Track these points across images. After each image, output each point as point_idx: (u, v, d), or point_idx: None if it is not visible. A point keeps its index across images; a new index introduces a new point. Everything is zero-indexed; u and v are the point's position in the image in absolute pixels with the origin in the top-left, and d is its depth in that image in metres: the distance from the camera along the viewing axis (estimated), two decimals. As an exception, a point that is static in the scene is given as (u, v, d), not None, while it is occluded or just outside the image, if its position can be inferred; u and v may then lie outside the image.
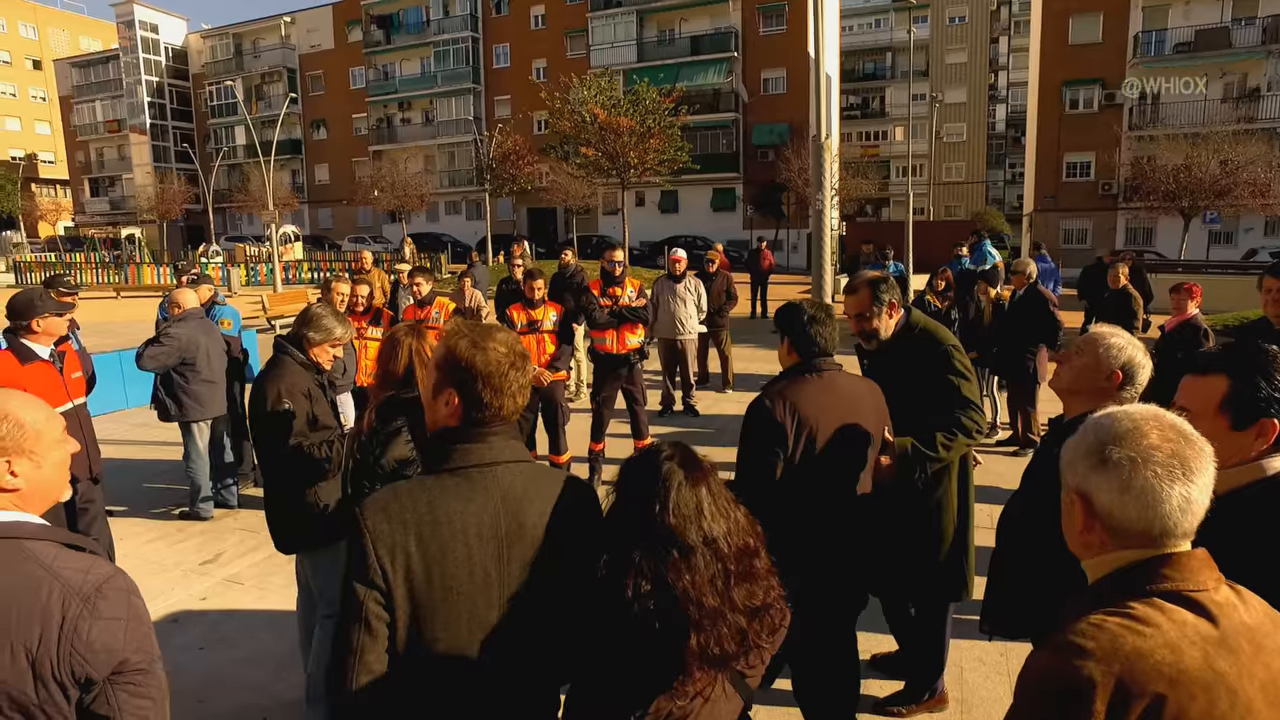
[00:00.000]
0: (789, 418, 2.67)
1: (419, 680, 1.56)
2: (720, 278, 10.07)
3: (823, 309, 2.87)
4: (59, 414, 1.61)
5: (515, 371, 1.64)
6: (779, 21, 40.30)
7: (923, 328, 3.23)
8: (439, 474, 1.60)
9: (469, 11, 47.42)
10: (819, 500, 2.74)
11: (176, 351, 5.83)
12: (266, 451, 3.33)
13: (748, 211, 40.46)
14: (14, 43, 70.75)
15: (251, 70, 55.95)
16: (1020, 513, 2.35)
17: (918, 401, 3.09)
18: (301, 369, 3.35)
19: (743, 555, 1.57)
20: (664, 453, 1.62)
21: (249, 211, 47.21)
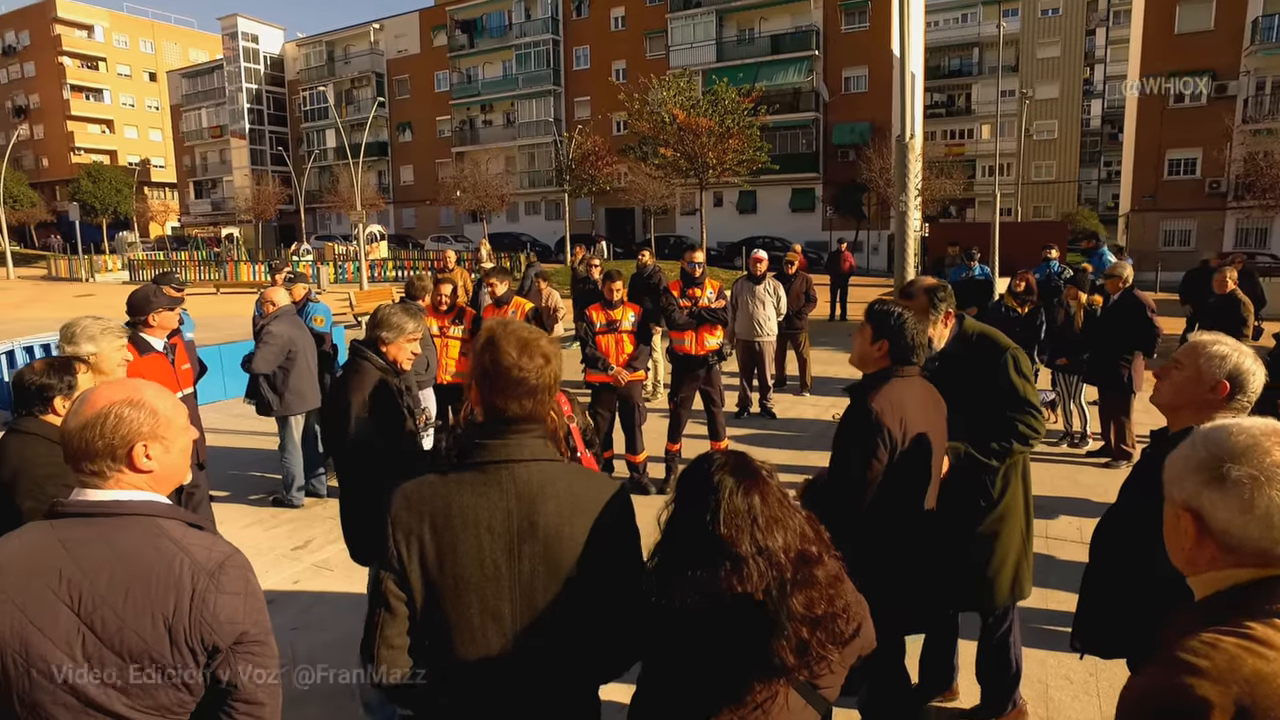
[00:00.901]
0: (896, 420, 2.64)
1: (436, 661, 1.66)
2: (799, 279, 9.97)
3: (904, 313, 2.84)
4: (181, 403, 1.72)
5: (532, 374, 1.68)
6: (861, 19, 39.55)
7: (979, 334, 3.19)
8: (461, 468, 1.69)
9: (550, 14, 48.12)
10: (904, 506, 2.71)
11: (281, 348, 6.09)
12: (346, 459, 3.22)
13: (827, 212, 39.86)
14: (134, 57, 75.76)
15: (342, 76, 58.05)
16: (1117, 527, 2.26)
17: (980, 409, 3.05)
18: (380, 373, 3.24)
19: (801, 564, 1.56)
20: (716, 461, 1.62)
21: (338, 211, 49.05)
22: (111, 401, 1.53)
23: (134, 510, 1.51)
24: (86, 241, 51.75)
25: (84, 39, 73.24)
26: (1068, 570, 4.71)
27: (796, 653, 1.52)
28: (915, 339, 2.73)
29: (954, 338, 3.20)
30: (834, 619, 1.56)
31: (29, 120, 74.44)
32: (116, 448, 1.51)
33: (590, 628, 1.66)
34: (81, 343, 3.27)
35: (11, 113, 75.72)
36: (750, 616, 1.52)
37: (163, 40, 78.57)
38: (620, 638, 1.70)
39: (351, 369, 3.25)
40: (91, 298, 27.32)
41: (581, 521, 1.64)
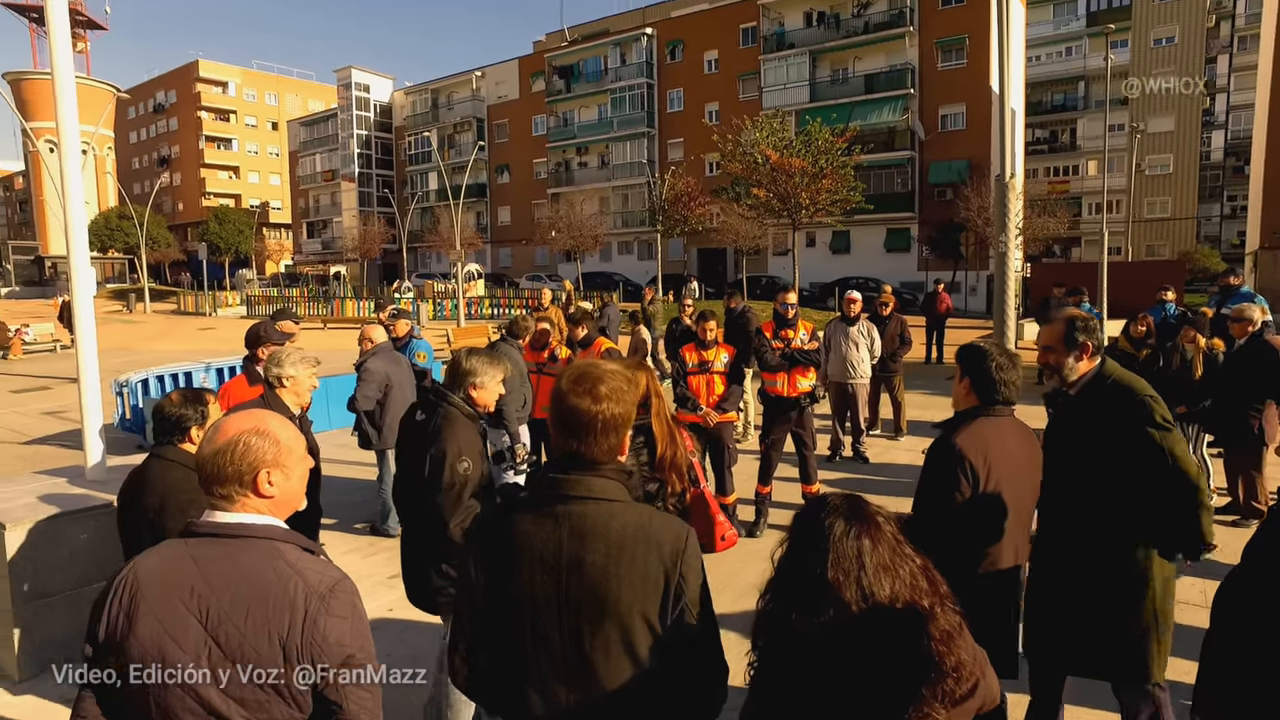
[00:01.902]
0: (980, 459, 2.59)
1: (500, 676, 1.76)
2: (894, 321, 9.77)
3: (1007, 355, 2.77)
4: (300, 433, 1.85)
5: (595, 413, 1.72)
6: (959, 55, 38.90)
7: (1115, 379, 2.97)
8: (528, 499, 1.79)
9: (645, 59, 49.27)
10: (987, 547, 2.66)
11: (378, 384, 6.34)
12: (430, 506, 3.13)
13: (923, 252, 38.95)
14: (260, 109, 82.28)
15: (445, 121, 60.83)
16: (1243, 591, 2.11)
17: (1107, 459, 2.84)
18: (468, 421, 3.23)
19: (909, 615, 1.50)
20: (830, 503, 1.59)
21: (438, 250, 51.06)
22: (241, 430, 1.66)
23: (256, 533, 1.62)
24: (211, 278, 55.53)
25: (219, 94, 79.81)
26: (1189, 636, 4.39)
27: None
28: (1000, 377, 2.69)
29: (1092, 378, 2.99)
30: (942, 676, 1.50)
31: (170, 169, 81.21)
32: (244, 474, 1.63)
33: (643, 670, 1.66)
34: (285, 366, 3.87)
35: (156, 162, 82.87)
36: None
37: (285, 93, 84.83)
38: (682, 686, 1.68)
39: (444, 418, 3.19)
40: (213, 330, 29.18)
41: (633, 562, 1.65)
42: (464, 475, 3.05)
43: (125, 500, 2.99)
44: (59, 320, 24.36)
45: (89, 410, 4.97)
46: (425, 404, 3.34)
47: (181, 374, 11.36)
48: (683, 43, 48.43)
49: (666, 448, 2.96)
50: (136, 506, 2.89)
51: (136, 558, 1.66)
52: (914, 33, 39.68)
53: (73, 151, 5.08)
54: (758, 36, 44.75)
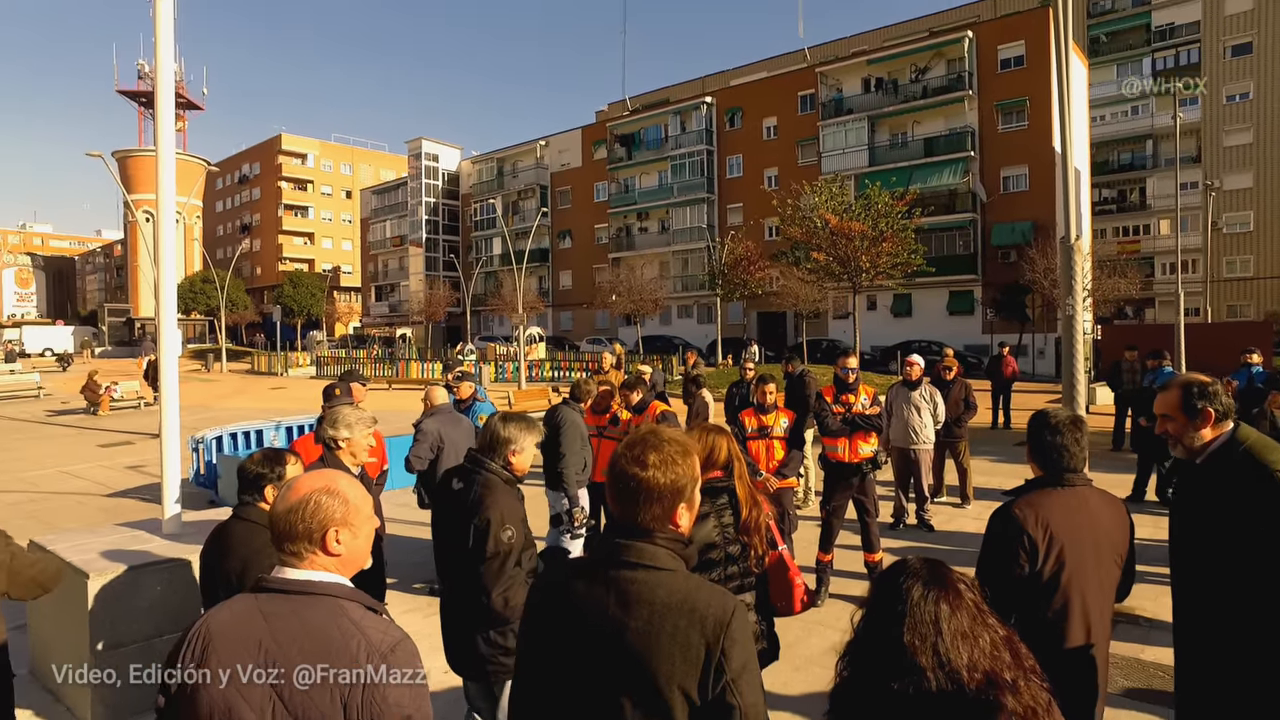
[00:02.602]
0: (1040, 530, 2.50)
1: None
2: (958, 385, 9.57)
3: (1071, 420, 2.71)
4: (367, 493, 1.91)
5: (647, 481, 1.73)
6: (1019, 118, 38.72)
7: (1248, 446, 2.71)
8: (583, 562, 1.80)
9: (704, 127, 50.32)
10: (1060, 631, 2.54)
11: (430, 445, 6.42)
12: (473, 572, 3.13)
13: (987, 315, 38.21)
14: (335, 179, 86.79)
15: (510, 189, 62.84)
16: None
17: (1243, 535, 2.59)
18: (508, 487, 3.23)
19: (989, 686, 1.44)
20: (910, 566, 1.57)
21: (500, 314, 52.19)
22: (313, 489, 1.72)
23: (322, 590, 1.67)
24: (284, 339, 57.78)
25: (299, 165, 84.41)
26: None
27: None
28: (1058, 443, 2.62)
29: (1221, 445, 2.76)
30: None
31: (250, 235, 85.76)
32: (314, 531, 1.69)
33: None
34: (340, 428, 3.87)
35: (239, 229, 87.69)
36: None
37: (360, 163, 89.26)
38: None
39: (485, 486, 3.18)
40: (284, 390, 30.18)
41: (674, 634, 1.61)
42: (508, 544, 3.07)
43: (208, 561, 3.07)
44: (144, 378, 25.57)
45: (169, 467, 5.18)
46: (462, 471, 3.32)
47: (253, 431, 11.77)
48: (741, 110, 49.39)
49: (750, 510, 2.96)
50: (219, 568, 2.96)
51: (210, 611, 1.72)
52: (973, 96, 39.75)
53: (168, 221, 5.43)
54: (816, 103, 45.39)
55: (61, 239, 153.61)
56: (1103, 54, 50.93)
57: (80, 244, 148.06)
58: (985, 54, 39.84)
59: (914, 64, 42.47)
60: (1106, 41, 51.56)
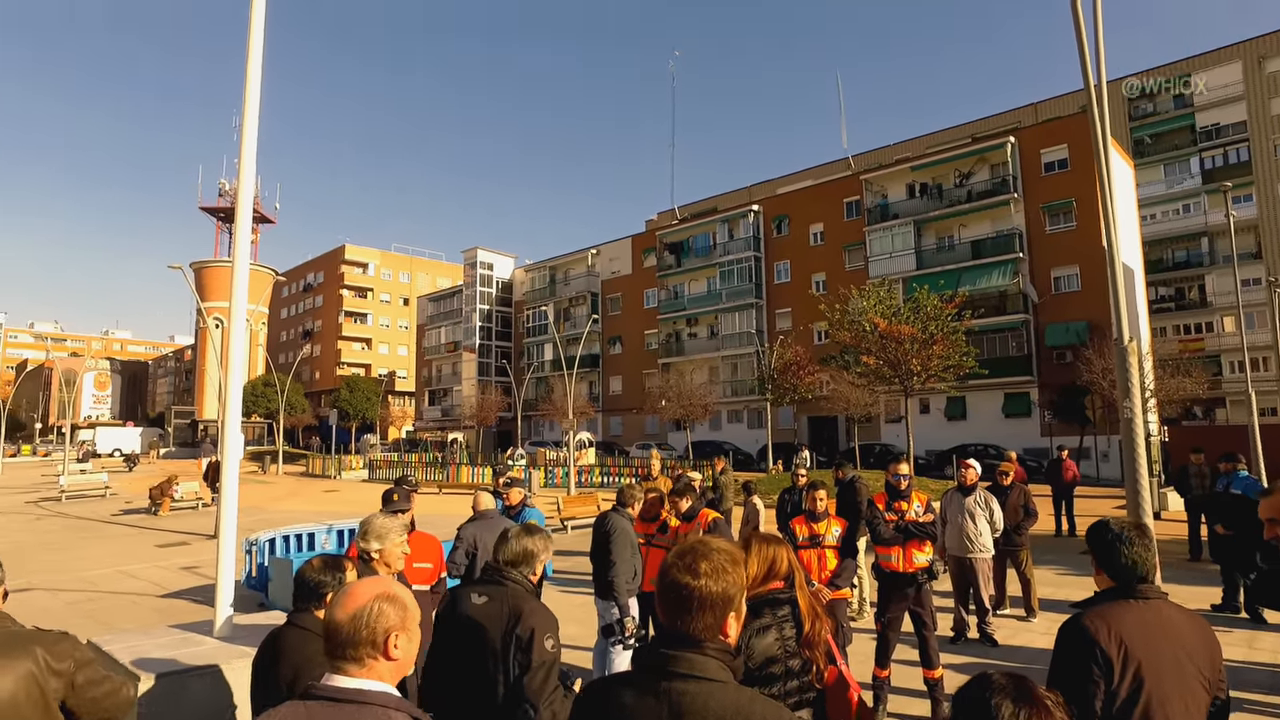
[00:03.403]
0: (1114, 645, 2.37)
1: None
2: (1016, 490, 9.28)
3: (1136, 526, 2.61)
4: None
5: (696, 590, 1.74)
6: (1066, 219, 38.74)
7: None
8: (634, 674, 1.79)
9: (752, 234, 51.41)
10: None
11: (464, 549, 6.38)
12: (523, 689, 3.00)
13: (1045, 417, 37.21)
14: (394, 287, 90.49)
15: (561, 296, 64.49)
16: None
17: None
18: (533, 596, 3.19)
19: None
20: (996, 683, 1.55)
21: (551, 419, 52.49)
22: (374, 596, 1.77)
23: (373, 700, 1.70)
24: (339, 442, 58.92)
25: (360, 274, 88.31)
26: None
27: None
28: (1130, 555, 2.52)
29: None
30: None
31: (311, 341, 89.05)
32: (377, 638, 1.73)
33: None
34: (371, 540, 3.82)
35: (301, 335, 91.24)
36: None
37: (418, 271, 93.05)
38: None
39: (517, 597, 3.13)
40: (337, 493, 30.55)
41: None
42: (553, 654, 3.01)
43: (260, 666, 3.05)
44: (204, 479, 26.22)
45: (224, 570, 5.28)
46: (485, 584, 3.24)
47: (305, 535, 11.91)
48: (788, 217, 50.45)
49: (813, 623, 2.89)
50: (270, 675, 2.92)
51: (259, 717, 1.75)
52: (1018, 199, 40.03)
53: (239, 329, 5.73)
54: (861, 209, 46.18)
55: (138, 344, 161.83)
56: (1148, 154, 51.25)
57: (155, 349, 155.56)
58: (1028, 158, 40.34)
59: (957, 169, 43.16)
60: (1151, 143, 51.96)
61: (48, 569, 13.73)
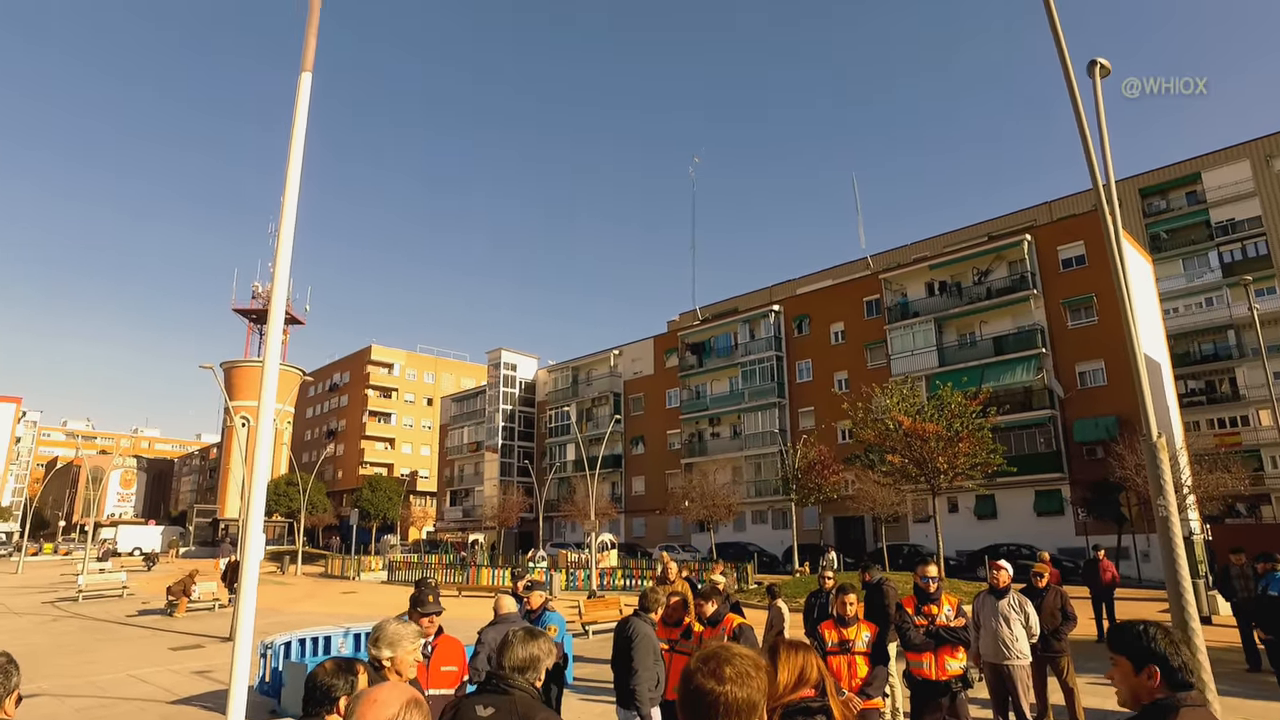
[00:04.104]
0: None
1: None
2: (1052, 593, 8.93)
3: (1163, 629, 2.49)
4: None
5: (721, 698, 1.68)
6: (1088, 314, 38.74)
7: None
8: None
9: (773, 334, 51.80)
10: None
11: (485, 655, 6.25)
12: None
13: (1079, 515, 36.19)
14: (418, 387, 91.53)
15: (584, 396, 64.78)
16: None
17: None
18: (536, 700, 3.13)
19: None
20: None
21: (573, 520, 51.90)
22: (403, 703, 1.75)
23: None
24: (359, 542, 58.41)
25: (385, 374, 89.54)
26: None
27: None
28: (1188, 659, 2.40)
29: None
30: None
31: (335, 440, 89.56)
32: None
33: None
34: (383, 647, 3.65)
35: (325, 434, 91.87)
36: None
37: (442, 372, 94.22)
38: None
39: (529, 706, 3.05)
40: (354, 595, 30.06)
41: None
42: None
43: None
44: (221, 579, 25.95)
45: (238, 678, 5.16)
46: (490, 693, 3.13)
47: (322, 638, 11.67)
48: (809, 317, 50.90)
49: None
50: None
51: None
52: (1038, 295, 40.19)
53: (266, 427, 5.80)
54: (881, 308, 46.54)
55: (165, 442, 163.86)
56: (1165, 249, 51.55)
57: (181, 447, 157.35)
58: (1046, 255, 40.73)
59: (975, 267, 43.59)
60: (1168, 238, 52.35)
61: (59, 673, 13.51)
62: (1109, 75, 9.85)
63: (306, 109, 6.01)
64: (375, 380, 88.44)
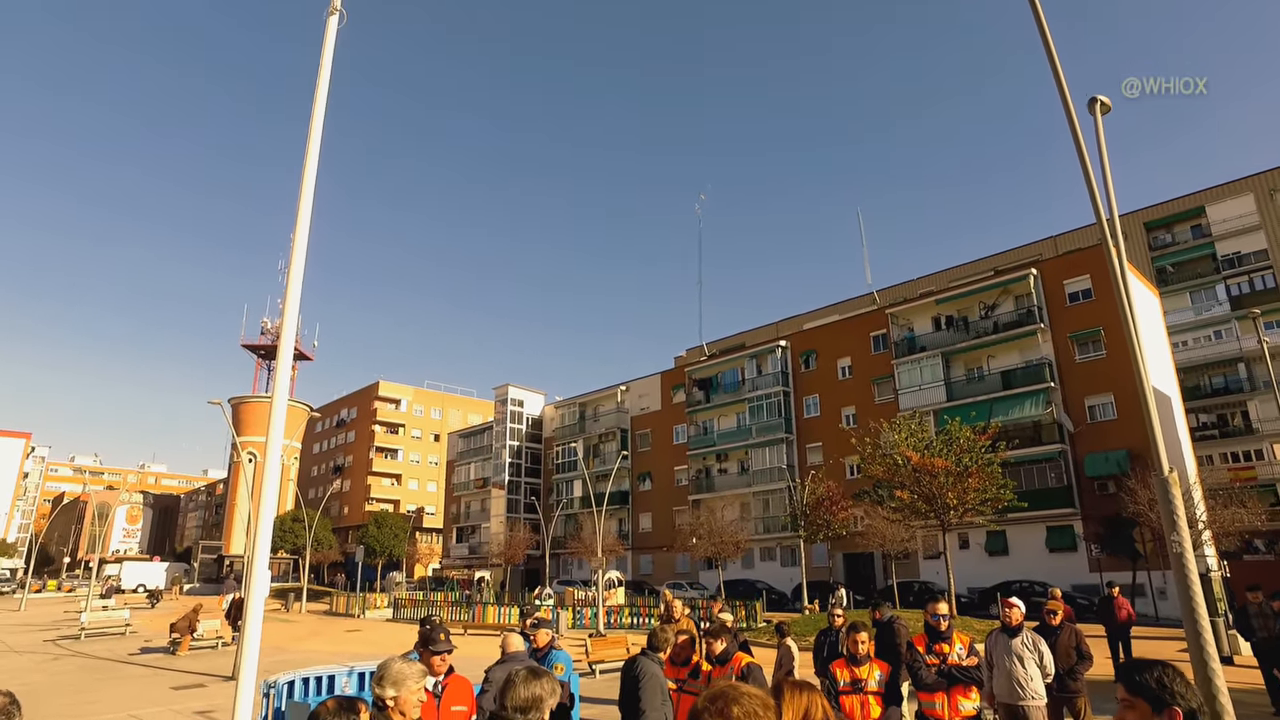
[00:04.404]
0: None
1: None
2: (1066, 631, 8.80)
3: (1177, 671, 2.44)
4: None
5: None
6: (1096, 347, 38.62)
7: None
8: None
9: (780, 369, 51.76)
10: None
11: (492, 696, 6.19)
12: None
13: (1092, 551, 35.70)
14: (425, 423, 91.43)
15: (591, 432, 64.63)
16: None
17: None
18: None
19: None
20: None
21: (580, 557, 51.52)
22: None
23: None
24: (364, 580, 57.97)
25: (392, 410, 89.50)
26: None
27: None
28: (1202, 704, 2.34)
29: None
30: None
31: (342, 476, 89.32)
32: None
33: None
34: (387, 686, 3.61)
35: (331, 470, 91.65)
36: None
37: (449, 408, 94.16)
38: None
39: None
40: (359, 633, 29.76)
41: None
42: None
43: None
44: (225, 617, 25.75)
45: (240, 718, 5.11)
46: None
47: (325, 677, 11.51)
48: (815, 352, 50.89)
49: None
50: None
51: None
52: (1045, 329, 40.16)
53: (274, 464, 5.81)
54: (888, 343, 46.54)
55: (172, 478, 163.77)
56: (1172, 283, 51.54)
57: (188, 482, 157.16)
58: (1052, 289, 40.76)
59: (982, 301, 43.64)
60: (1174, 271, 52.37)
61: (58, 713, 13.35)
62: (1109, 112, 9.95)
63: (319, 151, 6.14)
64: (382, 416, 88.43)
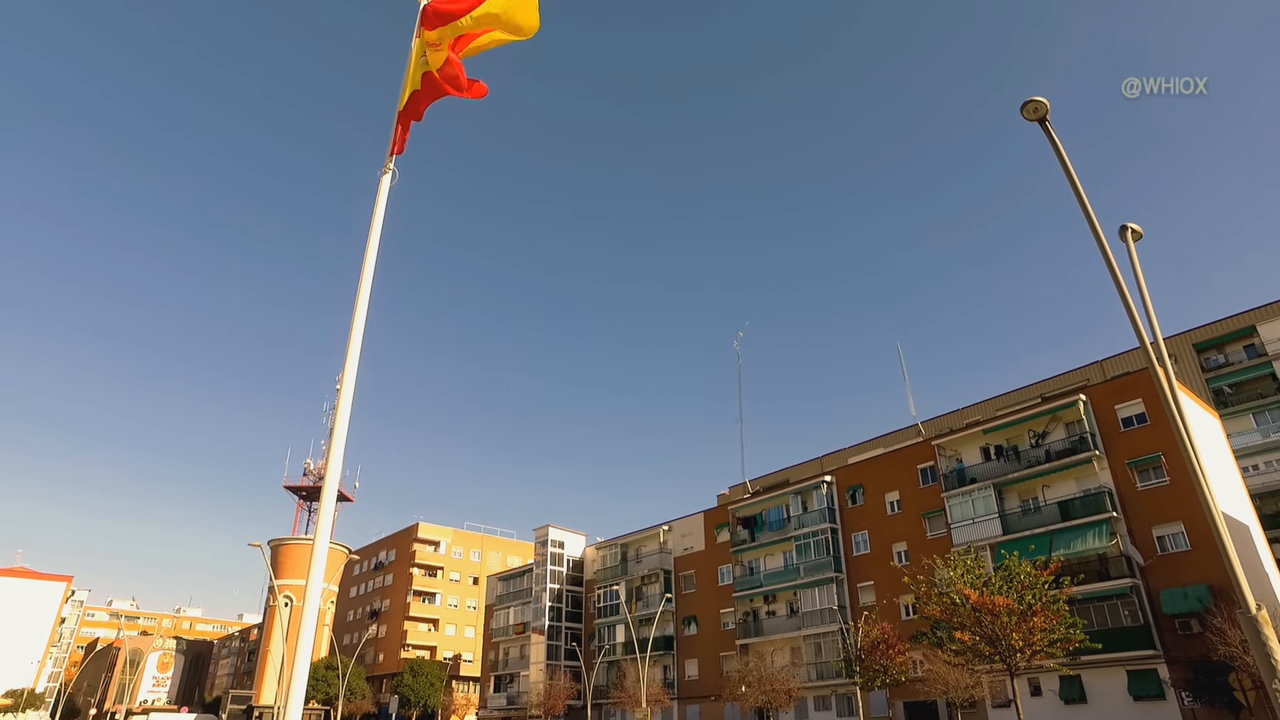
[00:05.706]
0: None
1: None
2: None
3: None
4: None
5: None
6: (1157, 474, 36.89)
7: None
8: None
9: (826, 505, 50.29)
10: None
11: None
12: None
13: (1184, 700, 32.68)
14: (464, 565, 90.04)
15: (633, 574, 62.73)
16: None
17: None
18: None
19: None
20: None
21: (623, 708, 48.85)
22: None
23: None
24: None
25: (431, 553, 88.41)
26: None
27: None
28: None
29: None
30: None
31: (378, 621, 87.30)
32: None
33: None
34: None
35: (368, 615, 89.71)
36: None
37: (489, 550, 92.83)
38: None
39: None
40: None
41: None
42: None
43: None
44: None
45: None
46: None
47: None
48: (862, 487, 49.57)
49: None
50: None
51: None
52: (1101, 456, 38.66)
53: (313, 609, 5.63)
54: (937, 475, 45.18)
55: (206, 622, 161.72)
56: (1231, 404, 49.81)
57: (222, 627, 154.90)
58: (1104, 414, 39.58)
59: (1031, 429, 42.48)
60: (1232, 392, 50.75)
61: None
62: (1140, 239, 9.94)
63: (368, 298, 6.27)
64: (421, 559, 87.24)
